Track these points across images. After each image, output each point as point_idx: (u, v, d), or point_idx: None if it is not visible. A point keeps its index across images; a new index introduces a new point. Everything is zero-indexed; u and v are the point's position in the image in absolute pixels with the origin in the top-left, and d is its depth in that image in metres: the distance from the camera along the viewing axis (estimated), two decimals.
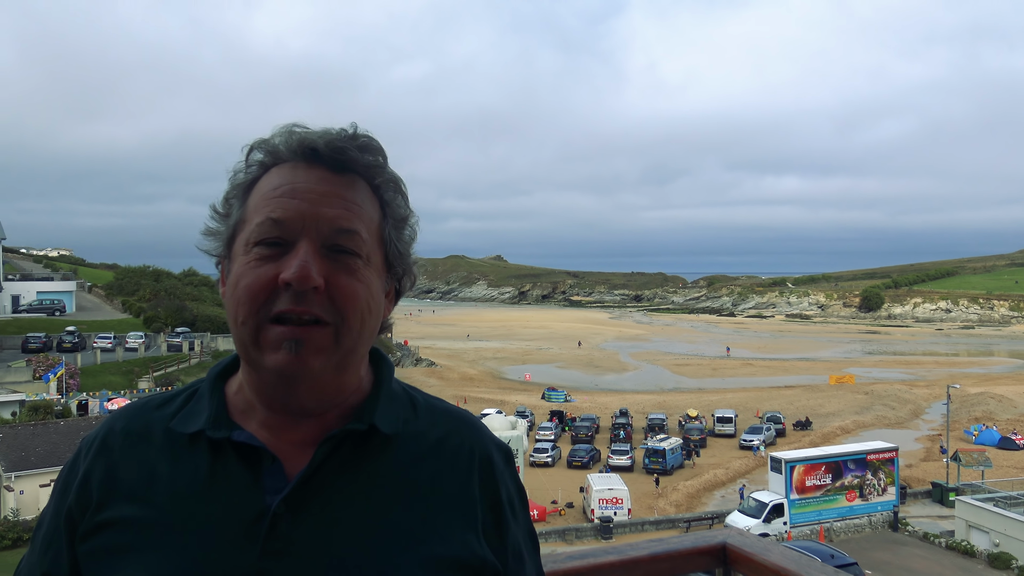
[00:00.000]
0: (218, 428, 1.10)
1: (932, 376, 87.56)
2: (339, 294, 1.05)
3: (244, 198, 1.12)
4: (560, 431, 55.66)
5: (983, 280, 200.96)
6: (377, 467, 1.11)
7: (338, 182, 1.09)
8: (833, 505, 35.12)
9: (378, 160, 1.13)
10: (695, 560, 1.86)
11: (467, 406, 62.12)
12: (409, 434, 1.15)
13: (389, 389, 1.18)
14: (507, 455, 1.24)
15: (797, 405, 67.28)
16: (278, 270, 1.04)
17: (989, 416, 62.21)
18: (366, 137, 1.13)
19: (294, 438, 1.11)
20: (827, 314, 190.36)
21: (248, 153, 1.13)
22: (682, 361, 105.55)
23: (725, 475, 45.52)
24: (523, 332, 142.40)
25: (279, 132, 1.12)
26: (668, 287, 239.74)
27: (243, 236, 1.09)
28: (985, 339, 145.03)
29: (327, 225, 1.06)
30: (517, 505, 1.22)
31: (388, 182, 1.15)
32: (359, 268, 1.08)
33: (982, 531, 31.76)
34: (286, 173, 1.09)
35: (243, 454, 1.08)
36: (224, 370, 1.20)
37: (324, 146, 1.09)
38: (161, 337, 62.11)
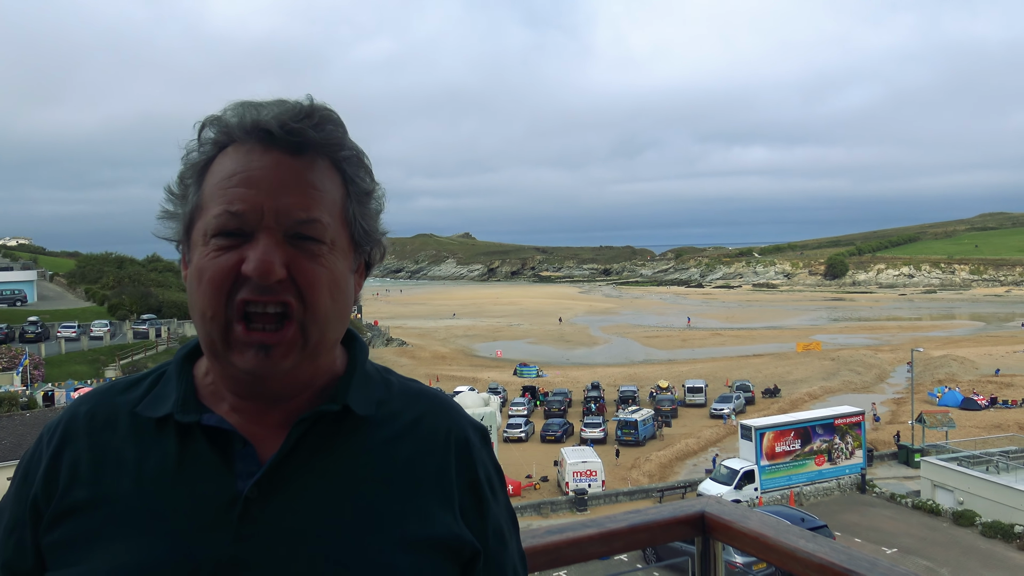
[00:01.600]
0: (187, 412, 1.06)
1: (896, 341, 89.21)
2: (302, 280, 1.02)
3: (200, 181, 1.06)
4: (533, 406, 55.95)
5: (944, 245, 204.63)
6: (351, 448, 1.08)
7: (296, 166, 1.04)
8: (802, 470, 35.73)
9: (337, 135, 1.08)
10: (674, 530, 1.85)
11: (439, 384, 62.22)
12: (384, 415, 1.12)
13: (363, 370, 1.15)
14: (483, 435, 1.22)
15: (766, 373, 68.23)
16: (240, 257, 1.00)
17: (952, 378, 63.59)
18: (323, 110, 1.07)
19: (266, 421, 1.08)
20: (793, 283, 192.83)
21: (200, 131, 1.07)
22: (652, 333, 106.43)
23: (696, 444, 46.11)
24: (493, 309, 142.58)
25: (232, 109, 1.06)
26: (636, 260, 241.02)
27: (201, 225, 1.04)
28: (947, 303, 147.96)
29: (286, 216, 1.02)
30: (496, 484, 1.20)
31: (349, 157, 1.10)
32: (322, 254, 1.04)
33: (947, 490, 32.53)
34: (241, 158, 1.04)
35: (213, 438, 1.05)
36: (191, 352, 1.16)
37: (279, 128, 1.03)
38: (127, 324, 61.33)
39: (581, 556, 1.74)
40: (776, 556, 1.72)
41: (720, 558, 1.93)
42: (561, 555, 1.71)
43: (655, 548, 1.92)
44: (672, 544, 1.94)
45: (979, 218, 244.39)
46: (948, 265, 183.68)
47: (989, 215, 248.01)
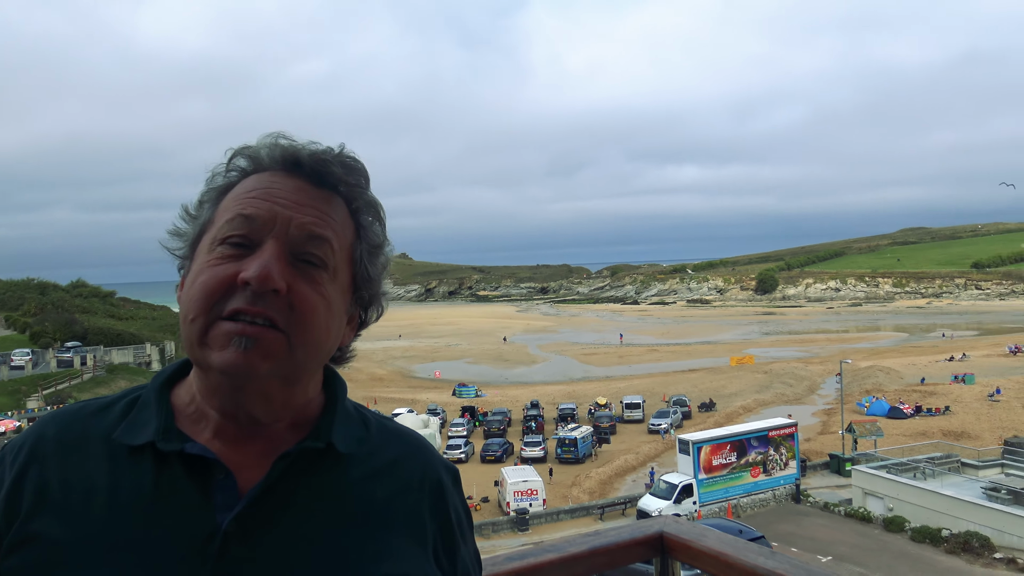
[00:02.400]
0: (169, 439, 1.02)
1: (825, 353, 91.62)
2: (299, 303, 0.99)
3: (217, 201, 1.07)
4: (472, 426, 55.71)
5: (868, 259, 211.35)
6: (332, 485, 1.06)
7: (316, 194, 1.05)
8: (739, 482, 36.31)
9: (360, 182, 1.09)
10: (633, 551, 1.85)
11: (377, 407, 61.46)
12: (363, 454, 1.11)
13: (344, 407, 1.14)
14: (455, 477, 1.21)
15: (701, 387, 69.29)
16: (239, 269, 0.98)
17: (878, 388, 65.54)
18: (351, 158, 1.09)
19: (247, 451, 1.04)
20: (726, 298, 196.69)
21: (231, 158, 1.08)
22: (589, 350, 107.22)
23: (636, 460, 46.49)
24: (431, 329, 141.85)
25: (264, 140, 1.08)
26: (573, 278, 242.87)
27: (209, 235, 1.04)
28: (872, 315, 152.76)
29: (298, 229, 1.01)
30: (465, 527, 1.20)
31: (367, 206, 1.10)
32: (323, 281, 1.02)
33: (877, 497, 33.45)
34: (264, 178, 1.05)
35: (192, 468, 1.00)
36: (170, 378, 1.12)
37: (307, 157, 1.05)
38: (50, 353, 59.06)
39: None
40: (736, 574, 1.73)
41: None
42: None
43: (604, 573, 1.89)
44: (627, 568, 1.94)
45: (900, 233, 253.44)
46: (872, 279, 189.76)
47: (910, 230, 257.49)
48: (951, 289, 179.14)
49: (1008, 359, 79.30)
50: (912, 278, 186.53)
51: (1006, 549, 27.72)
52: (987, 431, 48.02)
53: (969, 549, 27.85)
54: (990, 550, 27.57)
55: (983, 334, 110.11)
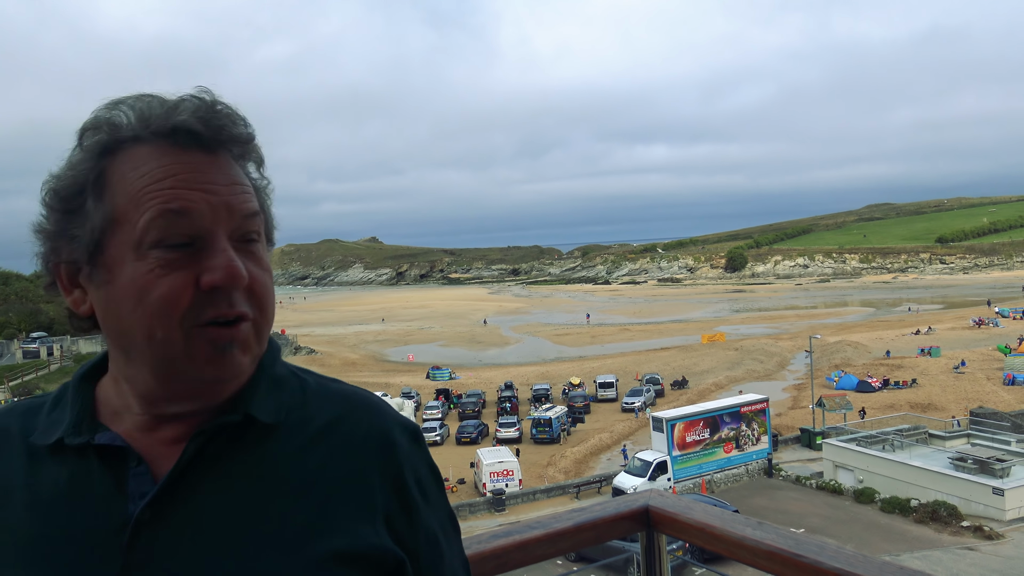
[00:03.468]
0: (78, 433, 0.96)
1: (794, 329, 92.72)
2: (258, 287, 0.95)
3: (100, 192, 0.92)
4: (447, 409, 55.71)
5: (835, 236, 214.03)
6: (256, 460, 0.97)
7: (226, 165, 0.95)
8: (712, 458, 36.69)
9: (248, 131, 0.99)
10: (619, 526, 1.82)
11: None
12: (294, 421, 1.01)
13: (271, 373, 1.04)
14: (413, 434, 1.10)
15: (673, 365, 69.83)
16: (193, 274, 0.90)
17: (847, 362, 66.47)
18: (225, 104, 0.97)
19: (166, 436, 0.97)
20: (696, 276, 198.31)
21: (82, 135, 0.95)
22: (562, 331, 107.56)
23: (610, 438, 46.79)
24: (403, 313, 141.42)
25: (127, 106, 0.94)
26: (544, 259, 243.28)
27: (126, 239, 0.90)
28: (839, 291, 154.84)
29: (236, 213, 0.93)
30: (428, 486, 1.09)
31: (256, 150, 1.02)
32: (262, 254, 0.98)
33: (847, 470, 33.98)
34: (164, 157, 0.92)
35: (106, 458, 0.95)
36: (91, 371, 1.05)
37: (202, 127, 0.93)
38: (15, 344, 58.13)
39: (528, 559, 1.69)
40: (724, 546, 1.71)
41: (665, 551, 1.92)
42: (508, 559, 1.66)
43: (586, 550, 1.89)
44: (611, 543, 1.92)
45: (866, 209, 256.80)
46: (840, 255, 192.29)
47: (875, 206, 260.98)
48: (916, 264, 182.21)
49: (972, 331, 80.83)
50: (878, 254, 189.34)
51: (973, 517, 28.32)
52: (953, 403, 48.94)
53: (937, 518, 28.42)
54: (957, 519, 28.15)
55: (948, 307, 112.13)
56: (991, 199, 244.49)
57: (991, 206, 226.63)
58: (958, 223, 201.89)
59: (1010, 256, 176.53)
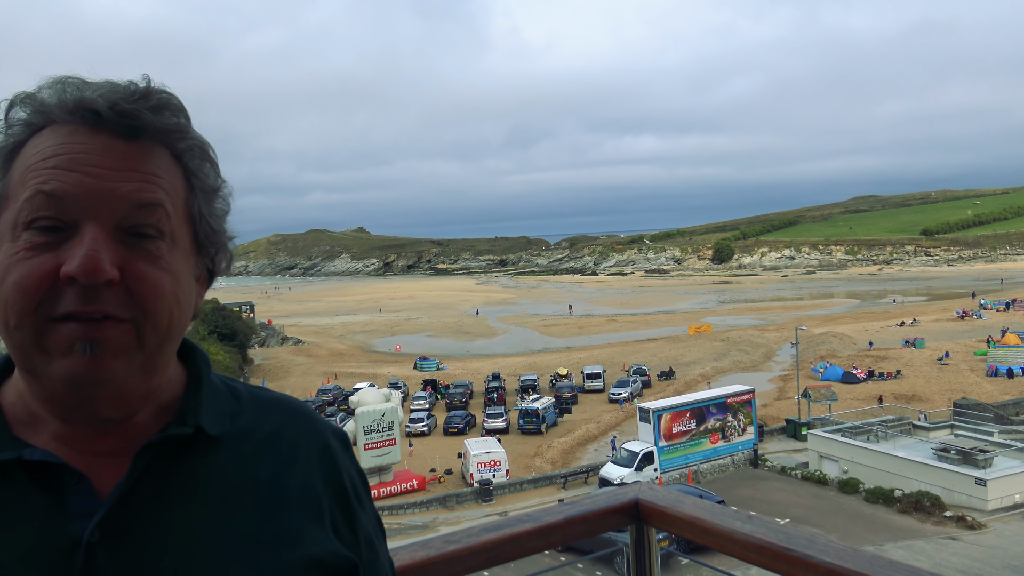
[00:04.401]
0: (1, 448, 0.86)
1: (781, 320, 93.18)
2: (139, 286, 0.84)
3: (5, 168, 0.87)
4: (434, 399, 55.75)
5: (821, 228, 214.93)
6: (207, 472, 0.92)
7: (129, 152, 0.86)
8: (699, 448, 36.86)
9: (179, 122, 0.91)
10: (609, 519, 1.82)
11: (338, 382, 61.28)
12: (237, 431, 0.98)
13: (209, 383, 1.00)
14: (344, 440, 1.10)
15: (660, 356, 70.05)
16: (58, 260, 0.81)
17: (832, 354, 66.85)
18: (163, 93, 0.90)
19: (101, 448, 0.89)
20: (683, 268, 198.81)
21: (8, 109, 0.88)
22: (549, 322, 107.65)
23: (597, 429, 46.93)
24: (391, 303, 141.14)
25: (49, 84, 0.87)
26: (532, 250, 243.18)
27: (7, 217, 0.85)
28: (825, 282, 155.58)
29: (121, 201, 0.84)
30: (361, 492, 1.09)
31: (192, 147, 0.92)
32: (163, 253, 0.87)
33: (832, 460, 34.23)
34: (61, 138, 0.85)
35: (37, 475, 0.85)
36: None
37: (108, 108, 0.85)
38: None
39: (519, 552, 1.68)
40: (713, 539, 1.71)
41: (655, 544, 1.92)
42: (499, 552, 1.66)
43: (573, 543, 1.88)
44: (607, 534, 1.92)
45: (852, 201, 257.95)
46: (826, 247, 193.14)
47: (861, 198, 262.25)
48: (901, 256, 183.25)
49: (956, 323, 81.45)
50: (864, 246, 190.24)
51: (955, 508, 28.61)
52: (937, 394, 49.32)
53: (921, 508, 28.68)
54: (940, 509, 28.42)
55: (932, 299, 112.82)
56: (976, 192, 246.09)
57: (976, 199, 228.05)
58: (943, 215, 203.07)
59: (994, 248, 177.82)
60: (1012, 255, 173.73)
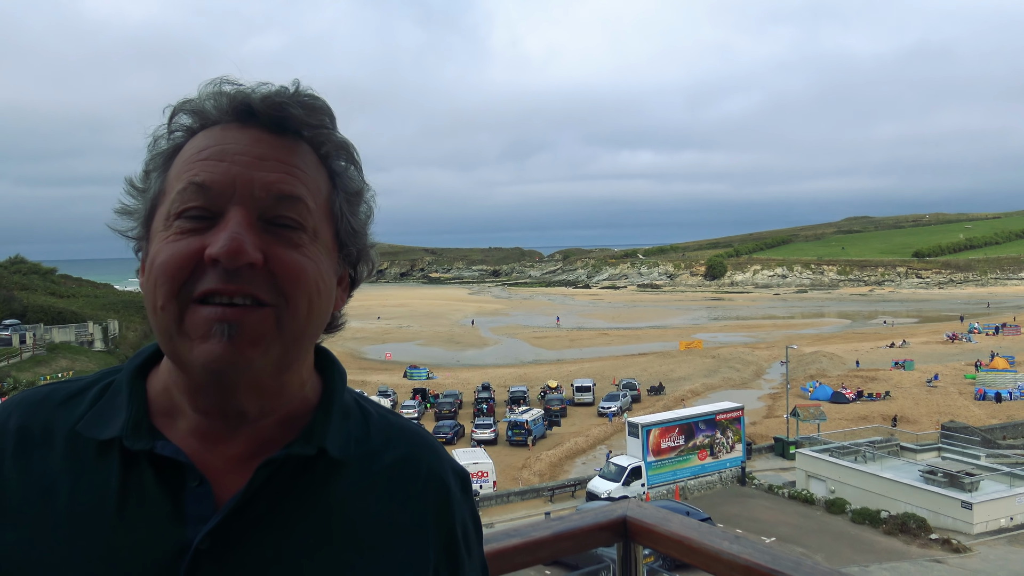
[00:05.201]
0: (138, 437, 0.88)
1: (771, 338, 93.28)
2: (282, 270, 0.85)
3: (165, 168, 0.91)
4: (423, 408, 55.60)
5: (814, 247, 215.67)
6: (323, 498, 0.91)
7: (277, 144, 0.90)
8: (687, 465, 36.81)
9: (324, 122, 0.93)
10: (597, 535, 1.83)
11: None
12: (361, 457, 0.96)
13: (341, 401, 0.98)
14: (464, 481, 1.07)
15: (651, 371, 70.04)
16: (203, 243, 0.84)
17: (822, 373, 66.99)
18: (310, 96, 0.92)
19: (227, 452, 0.90)
20: (675, 283, 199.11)
21: (171, 116, 0.92)
22: (540, 333, 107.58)
23: (585, 442, 46.85)
24: (382, 311, 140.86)
25: (206, 89, 0.91)
26: (525, 261, 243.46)
27: (163, 210, 0.89)
28: (817, 302, 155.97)
29: (264, 191, 0.86)
30: (472, 540, 1.06)
31: (338, 149, 0.95)
32: (305, 243, 0.88)
33: (819, 480, 34.26)
34: (215, 134, 0.90)
35: (163, 470, 0.87)
36: (145, 362, 0.97)
37: (260, 102, 0.89)
38: None
39: (506, 567, 1.68)
40: (700, 559, 1.72)
41: (641, 562, 1.92)
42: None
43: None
44: (594, 551, 1.92)
45: (845, 221, 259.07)
46: (818, 266, 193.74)
47: (854, 219, 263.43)
48: (893, 277, 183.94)
49: (946, 346, 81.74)
50: (856, 266, 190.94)
51: (941, 530, 28.64)
52: (925, 416, 49.45)
53: (906, 530, 28.70)
54: (926, 531, 28.45)
55: (922, 321, 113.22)
56: (968, 216, 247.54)
57: (968, 223, 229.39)
58: (935, 238, 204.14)
59: (984, 273, 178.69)
60: (1003, 280, 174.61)
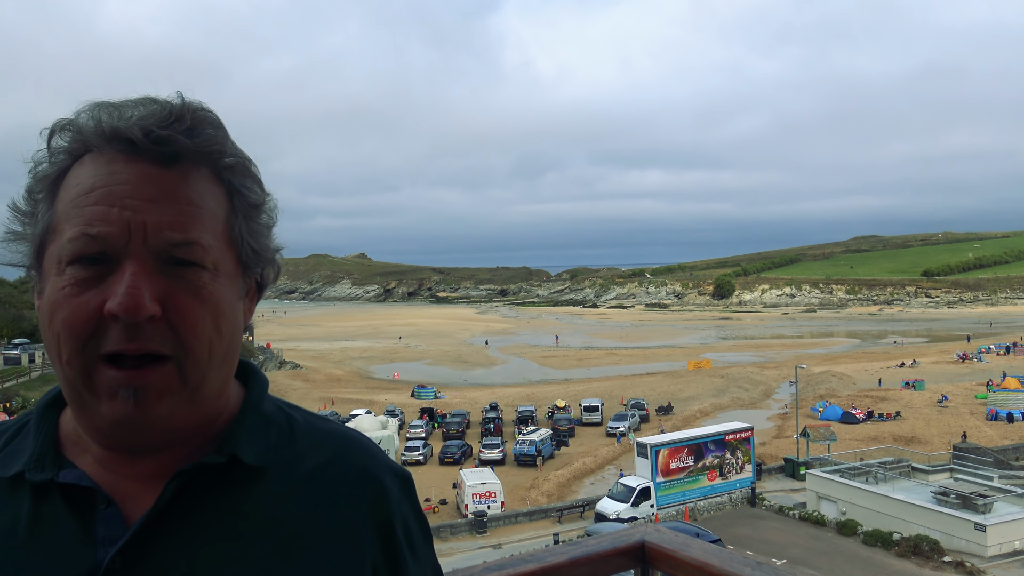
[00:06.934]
0: (40, 468, 0.87)
1: (780, 358, 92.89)
2: (180, 321, 0.83)
3: (51, 196, 0.87)
4: (431, 428, 55.44)
5: (822, 266, 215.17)
6: (239, 505, 0.89)
7: (167, 179, 0.84)
8: (696, 485, 36.56)
9: (216, 140, 0.88)
10: (614, 561, 1.77)
11: (335, 407, 60.97)
12: (282, 463, 0.93)
13: (259, 411, 0.97)
14: (404, 481, 1.03)
15: (659, 391, 69.74)
16: (102, 297, 0.81)
17: (832, 393, 66.54)
18: (199, 111, 0.87)
19: (137, 473, 0.88)
20: (683, 303, 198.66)
21: (49, 138, 0.87)
22: (548, 353, 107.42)
23: (594, 462, 46.59)
24: (390, 330, 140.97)
25: (87, 111, 0.86)
26: (533, 281, 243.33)
27: (54, 251, 0.84)
28: (826, 321, 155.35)
29: (156, 236, 0.82)
30: (416, 540, 1.02)
31: (233, 165, 0.90)
32: (204, 283, 0.85)
33: (830, 501, 33.91)
34: (100, 169, 0.84)
35: (72, 497, 0.86)
36: (56, 398, 0.95)
37: (143, 137, 0.83)
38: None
39: None
40: None
41: None
42: None
43: None
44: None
45: (853, 241, 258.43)
46: (826, 285, 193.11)
47: (863, 238, 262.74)
48: (902, 297, 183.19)
49: (956, 365, 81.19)
50: (865, 285, 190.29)
51: (955, 552, 28.27)
52: (936, 436, 49.00)
53: (919, 552, 28.35)
54: (939, 553, 28.10)
55: (932, 341, 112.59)
56: (977, 234, 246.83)
57: (977, 242, 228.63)
58: (944, 257, 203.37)
59: (994, 292, 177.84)
60: (1012, 299, 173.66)
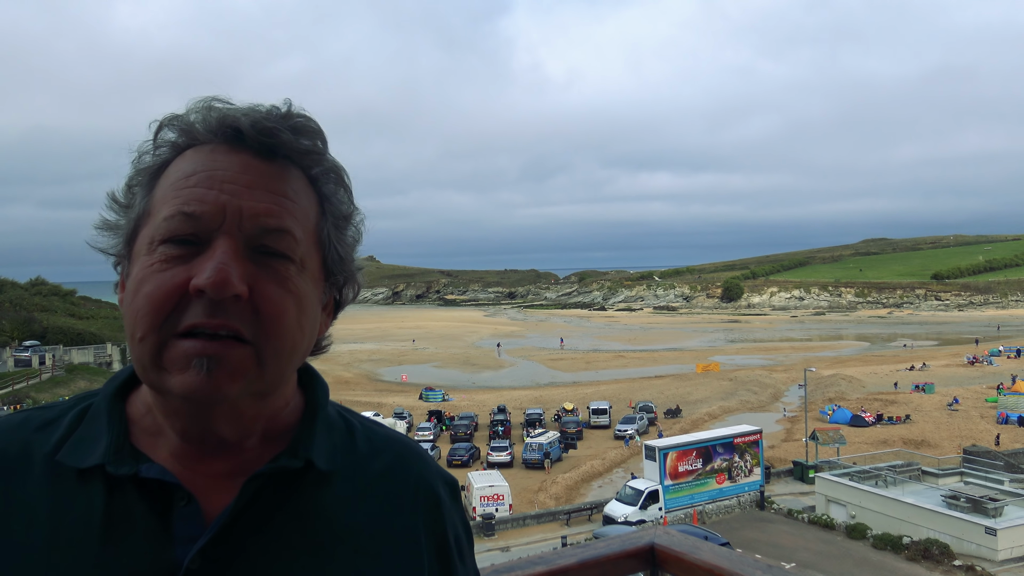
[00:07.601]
0: (121, 462, 0.86)
1: (789, 361, 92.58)
2: (265, 307, 0.84)
3: (150, 186, 0.89)
4: (439, 430, 55.44)
5: (831, 269, 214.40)
6: (313, 509, 0.90)
7: (266, 171, 0.88)
8: (704, 488, 36.44)
9: (316, 145, 0.92)
10: (624, 563, 1.77)
11: None
12: (348, 467, 0.96)
13: (325, 414, 0.99)
14: (453, 489, 1.07)
15: (667, 394, 69.60)
16: (189, 274, 0.82)
17: (841, 396, 66.27)
18: (302, 117, 0.91)
19: (212, 470, 0.89)
20: (692, 305, 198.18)
21: (157, 131, 0.90)
22: (556, 355, 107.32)
23: (602, 465, 46.51)
24: (398, 332, 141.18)
25: (195, 106, 0.90)
26: (541, 284, 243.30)
27: (147, 232, 0.87)
28: (835, 324, 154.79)
29: (251, 222, 0.85)
30: (464, 547, 1.05)
31: (328, 172, 0.94)
32: (291, 275, 0.87)
33: (840, 504, 33.78)
34: (203, 157, 0.87)
35: (149, 491, 0.86)
36: (124, 385, 0.95)
37: (250, 127, 0.87)
38: (7, 352, 57.77)
39: None
40: None
41: None
42: None
43: None
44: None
45: (863, 243, 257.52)
46: (835, 288, 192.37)
47: (872, 241, 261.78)
48: (912, 300, 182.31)
49: (966, 369, 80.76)
50: (874, 288, 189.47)
51: (965, 556, 28.12)
52: (946, 440, 48.77)
53: (929, 556, 28.22)
54: (949, 557, 27.95)
55: (943, 344, 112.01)
56: (988, 237, 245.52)
57: (987, 244, 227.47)
58: (954, 260, 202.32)
59: (1005, 295, 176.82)
60: (1023, 302, 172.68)
